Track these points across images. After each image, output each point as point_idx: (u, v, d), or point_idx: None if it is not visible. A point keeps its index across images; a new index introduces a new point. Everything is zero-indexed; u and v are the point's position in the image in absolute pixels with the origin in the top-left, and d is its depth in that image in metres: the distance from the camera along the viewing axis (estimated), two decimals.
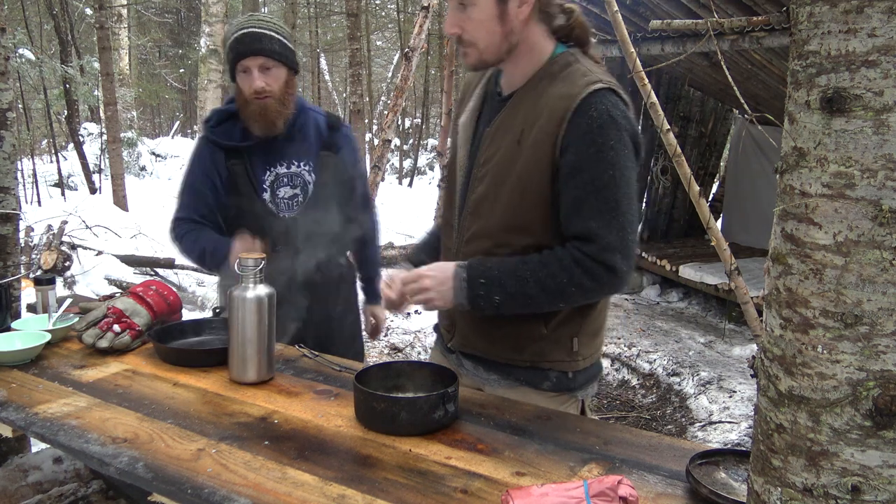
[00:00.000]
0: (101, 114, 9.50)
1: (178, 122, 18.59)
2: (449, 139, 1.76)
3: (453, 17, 1.50)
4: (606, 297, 1.64)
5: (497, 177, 1.54)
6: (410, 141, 16.31)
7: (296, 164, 2.15)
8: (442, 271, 1.52)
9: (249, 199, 2.10)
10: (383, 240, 3.71)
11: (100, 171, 9.96)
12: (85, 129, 10.84)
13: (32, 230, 6.04)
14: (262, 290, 1.66)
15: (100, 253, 6.10)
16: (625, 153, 1.44)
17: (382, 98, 18.99)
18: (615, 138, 1.43)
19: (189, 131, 18.23)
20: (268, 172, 2.14)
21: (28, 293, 2.29)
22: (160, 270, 6.28)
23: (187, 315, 2.20)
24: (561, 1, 1.54)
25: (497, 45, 1.50)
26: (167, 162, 12.15)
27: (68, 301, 2.11)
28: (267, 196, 2.11)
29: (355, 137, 1.99)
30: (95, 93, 10.39)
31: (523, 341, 1.59)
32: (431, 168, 14.40)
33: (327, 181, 2.15)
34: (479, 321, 1.62)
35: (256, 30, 2.04)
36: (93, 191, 9.35)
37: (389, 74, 19.89)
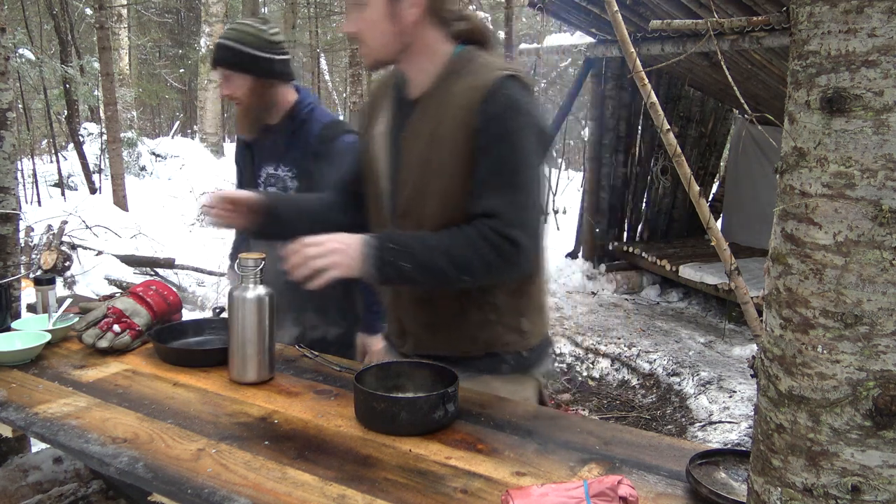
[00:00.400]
0: (101, 114, 9.50)
1: (178, 122, 18.59)
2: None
3: (350, 16, 1.58)
4: (536, 279, 1.68)
5: (421, 177, 1.58)
6: None
7: (281, 167, 2.21)
8: (349, 236, 1.51)
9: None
10: None
11: (100, 171, 9.96)
12: (85, 129, 10.83)
13: (32, 230, 6.04)
14: (262, 290, 1.66)
15: (100, 253, 6.10)
16: (529, 137, 1.51)
17: None
18: (520, 122, 1.50)
19: (189, 131, 18.22)
20: (262, 170, 2.24)
21: (28, 293, 2.29)
22: (160, 270, 6.28)
23: (187, 315, 2.20)
24: (456, 8, 1.61)
25: (389, 44, 1.56)
26: (167, 162, 12.15)
27: (68, 301, 2.11)
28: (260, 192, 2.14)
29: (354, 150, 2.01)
30: (95, 93, 10.39)
31: (475, 331, 1.64)
32: None
33: (308, 190, 2.17)
34: (428, 322, 1.67)
35: (221, 41, 2.14)
36: (93, 191, 9.35)
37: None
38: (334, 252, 1.48)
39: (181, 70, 18.53)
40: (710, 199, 8.07)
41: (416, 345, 1.71)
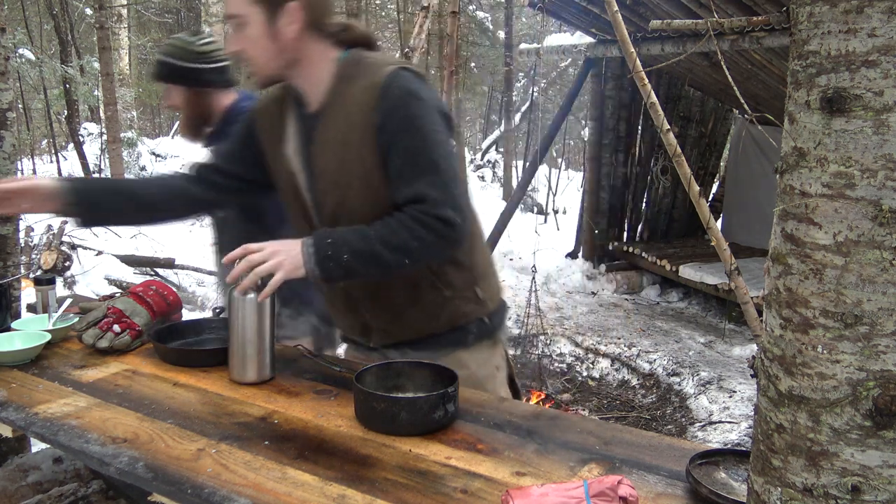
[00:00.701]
0: (101, 114, 9.50)
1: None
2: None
3: (233, 36, 1.62)
4: (478, 246, 1.78)
5: (342, 184, 1.62)
6: None
7: None
8: (288, 241, 1.56)
9: None
10: None
11: (100, 170, 9.96)
12: (85, 129, 10.83)
13: (32, 230, 6.04)
14: (260, 282, 1.65)
15: (100, 253, 6.11)
16: (432, 119, 1.56)
17: None
18: (420, 108, 1.55)
19: None
20: None
21: (28, 293, 2.29)
22: (160, 270, 6.28)
23: (187, 315, 2.20)
24: (334, 20, 1.65)
25: (273, 61, 1.60)
26: (167, 162, 12.14)
27: (68, 301, 2.11)
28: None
29: None
30: (95, 93, 10.38)
31: (435, 310, 1.72)
32: None
33: None
34: (389, 313, 1.73)
35: (157, 56, 2.32)
36: None
37: None
38: (275, 254, 1.52)
39: None
40: (710, 199, 8.07)
41: (382, 336, 1.78)
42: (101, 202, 1.75)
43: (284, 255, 1.52)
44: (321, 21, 1.62)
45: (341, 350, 2.09)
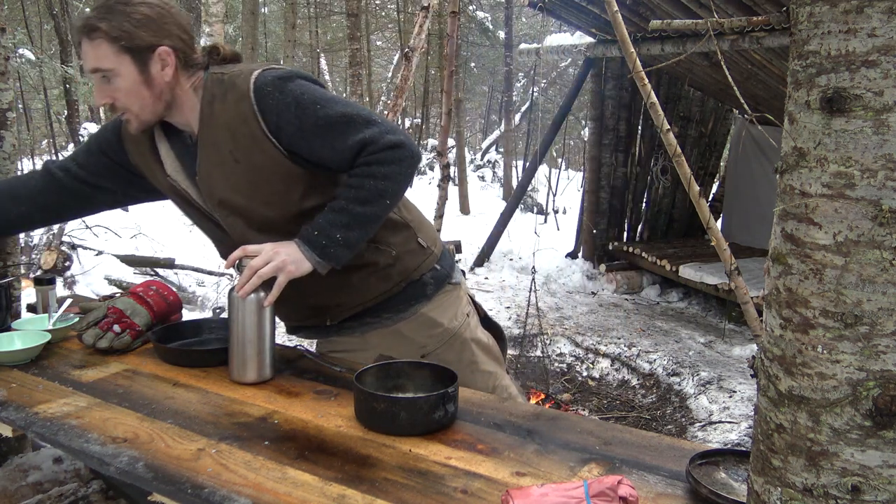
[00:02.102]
0: (101, 114, 9.50)
1: None
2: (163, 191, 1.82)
3: (101, 89, 1.58)
4: (408, 202, 1.82)
5: (247, 200, 1.62)
6: None
7: None
8: (284, 242, 1.57)
9: None
10: None
11: None
12: (85, 129, 10.82)
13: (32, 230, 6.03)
14: (262, 290, 1.66)
15: (100, 253, 6.10)
16: (310, 88, 1.56)
17: (382, 98, 18.98)
18: (294, 86, 1.55)
19: None
20: None
21: (28, 293, 2.29)
22: (160, 270, 6.28)
23: (187, 315, 2.20)
24: (201, 51, 1.65)
25: (151, 107, 1.59)
26: None
27: (68, 301, 2.11)
28: None
29: None
30: None
31: (386, 271, 1.74)
32: (431, 168, 14.40)
33: None
34: (341, 287, 1.73)
35: None
36: None
37: (389, 74, 19.89)
38: (276, 255, 1.53)
39: None
40: (710, 199, 8.07)
41: (338, 312, 1.79)
42: None
43: (285, 256, 1.53)
44: (191, 56, 1.61)
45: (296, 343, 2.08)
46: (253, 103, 1.54)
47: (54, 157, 9.94)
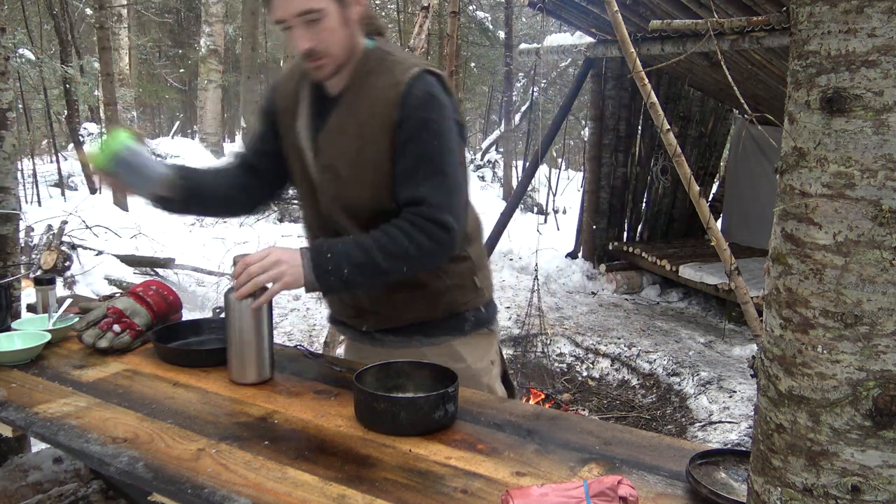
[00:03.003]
0: (101, 114, 9.50)
1: (178, 123, 18.58)
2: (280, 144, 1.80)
3: (304, 33, 1.54)
4: (478, 239, 1.82)
5: (352, 170, 1.63)
6: None
7: None
8: (290, 250, 1.56)
9: None
10: None
11: None
12: (85, 129, 10.83)
13: (32, 230, 6.04)
14: (260, 292, 1.62)
15: (100, 253, 6.10)
16: (447, 125, 1.58)
17: None
18: (437, 112, 1.57)
19: (189, 131, 18.21)
20: None
21: (28, 293, 2.29)
22: (160, 270, 6.27)
23: (187, 315, 2.20)
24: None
25: (347, 49, 1.59)
26: (167, 162, 12.14)
27: (68, 301, 2.11)
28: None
29: None
30: (95, 93, 10.39)
31: (435, 298, 1.73)
32: None
33: None
34: (389, 299, 1.72)
35: None
36: (93, 191, 9.34)
37: None
38: (277, 264, 1.52)
39: (181, 70, 18.52)
40: (710, 199, 8.07)
41: (377, 320, 1.78)
42: (197, 188, 1.76)
43: (286, 267, 1.53)
44: (368, 8, 1.63)
45: (340, 350, 2.09)
46: (400, 97, 1.56)
47: (54, 158, 9.94)
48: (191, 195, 1.74)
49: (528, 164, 8.93)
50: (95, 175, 1.70)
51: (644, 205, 7.78)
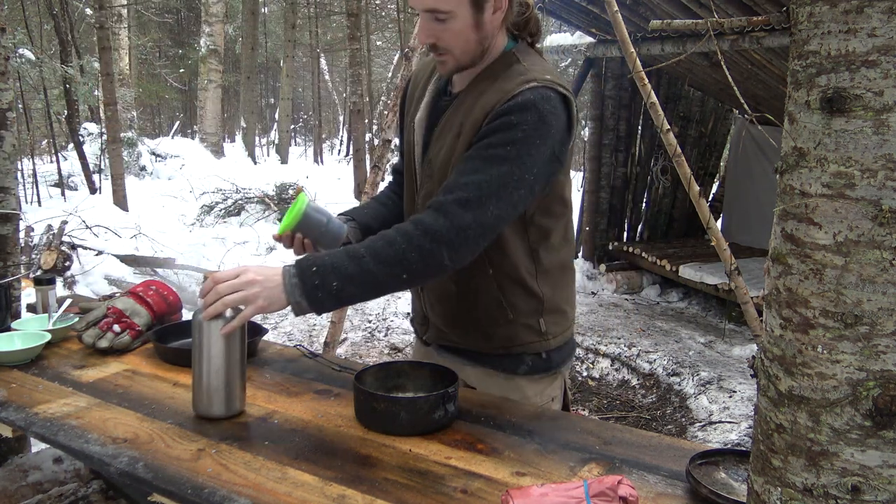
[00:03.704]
0: (101, 114, 9.50)
1: (178, 122, 18.59)
2: (397, 136, 1.75)
3: (428, 27, 1.49)
4: (558, 280, 1.67)
5: (442, 174, 1.55)
6: None
7: None
8: (268, 269, 1.39)
9: None
10: None
11: (100, 171, 9.96)
12: (85, 129, 10.84)
13: (32, 230, 6.04)
14: (230, 311, 1.41)
15: (100, 253, 6.10)
16: (536, 140, 1.41)
17: (382, 98, 18.98)
18: (531, 121, 1.41)
19: (189, 131, 18.22)
20: None
21: (28, 293, 2.29)
22: (160, 270, 6.28)
23: (187, 315, 2.20)
24: (515, 15, 1.55)
25: (473, 51, 1.51)
26: (167, 162, 12.16)
27: (68, 301, 2.11)
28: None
29: None
30: (95, 93, 10.39)
31: (490, 328, 1.62)
32: None
33: None
34: (448, 313, 1.65)
35: None
36: (93, 191, 9.36)
37: (389, 74, 19.89)
38: (250, 285, 1.35)
39: (181, 70, 18.53)
40: (710, 199, 8.07)
41: (437, 335, 1.71)
42: (367, 228, 1.69)
43: (260, 288, 1.35)
44: (515, 10, 1.53)
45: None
46: (503, 100, 1.45)
47: (54, 158, 9.94)
48: (365, 235, 1.63)
49: None
50: (282, 241, 1.63)
51: (644, 205, 7.78)
